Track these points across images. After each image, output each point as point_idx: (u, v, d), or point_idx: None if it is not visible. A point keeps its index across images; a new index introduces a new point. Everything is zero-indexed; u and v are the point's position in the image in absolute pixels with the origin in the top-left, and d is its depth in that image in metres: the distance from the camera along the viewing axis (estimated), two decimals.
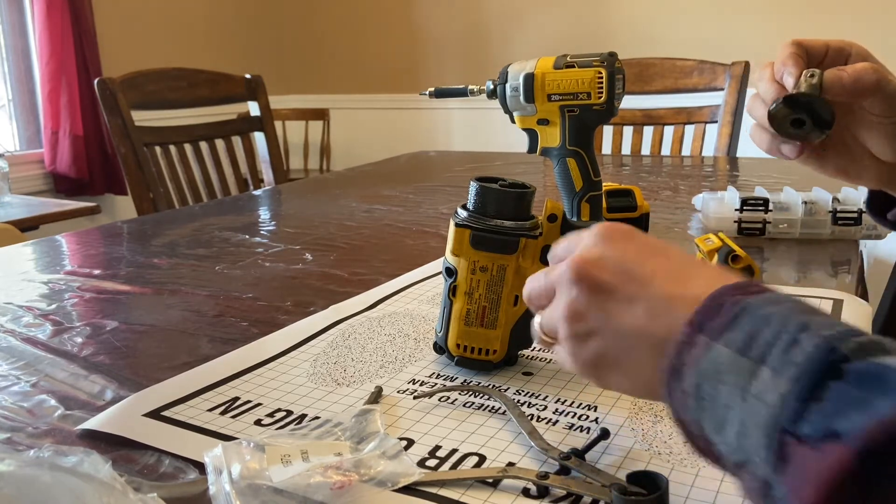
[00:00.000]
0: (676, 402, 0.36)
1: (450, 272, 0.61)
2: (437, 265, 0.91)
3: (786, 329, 0.32)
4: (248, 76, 1.97)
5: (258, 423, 0.54)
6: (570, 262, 0.43)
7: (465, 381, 0.61)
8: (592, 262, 0.42)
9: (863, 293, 0.88)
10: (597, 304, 0.41)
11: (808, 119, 0.57)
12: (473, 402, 0.57)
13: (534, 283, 0.48)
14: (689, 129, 1.96)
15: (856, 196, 0.99)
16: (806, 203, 0.99)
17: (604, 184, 0.82)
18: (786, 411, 0.30)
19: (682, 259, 0.41)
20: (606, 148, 2.08)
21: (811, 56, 0.61)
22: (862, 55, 0.62)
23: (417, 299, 0.81)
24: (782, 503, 0.30)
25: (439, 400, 0.57)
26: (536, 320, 0.48)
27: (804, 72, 0.58)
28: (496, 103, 0.81)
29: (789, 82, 0.59)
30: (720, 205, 1.04)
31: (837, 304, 0.74)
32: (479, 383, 0.60)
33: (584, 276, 0.42)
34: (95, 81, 1.68)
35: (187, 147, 1.83)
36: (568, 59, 0.77)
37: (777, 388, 0.31)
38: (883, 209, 0.68)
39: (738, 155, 1.86)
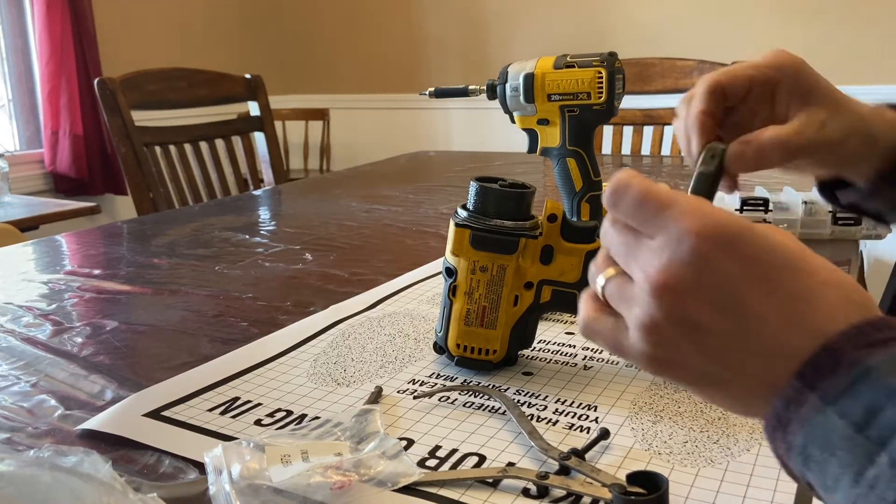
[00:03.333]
0: (780, 449, 0.33)
1: (450, 272, 0.61)
2: (437, 265, 0.91)
3: None
4: (248, 76, 1.97)
5: (258, 423, 0.54)
6: (655, 280, 0.34)
7: (465, 381, 0.61)
8: (683, 291, 0.34)
9: None
10: (682, 336, 0.35)
11: None
12: (473, 402, 0.57)
13: (609, 239, 0.39)
14: None
15: None
16: (806, 203, 0.99)
17: (604, 184, 0.82)
18: None
19: (791, 289, 0.34)
20: (606, 148, 2.08)
21: (731, 96, 0.55)
22: (792, 83, 0.55)
23: (417, 299, 0.81)
24: None
25: (439, 400, 0.57)
26: (599, 279, 0.40)
27: (706, 148, 0.54)
28: (496, 103, 0.81)
29: (690, 158, 0.55)
30: (720, 205, 1.04)
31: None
32: (479, 383, 0.60)
33: (670, 304, 0.34)
34: (95, 81, 1.68)
35: (187, 147, 1.83)
36: (568, 59, 0.77)
37: (895, 483, 0.28)
38: (832, 188, 0.64)
39: None
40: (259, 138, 1.97)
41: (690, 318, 0.34)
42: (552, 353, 0.66)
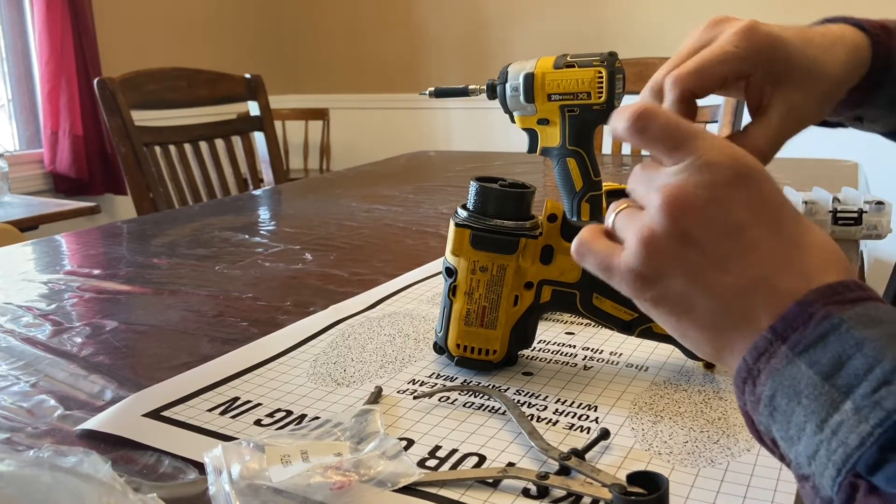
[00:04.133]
0: (746, 401, 0.34)
1: (450, 272, 0.61)
2: (437, 265, 0.91)
3: (879, 363, 0.29)
4: (247, 76, 1.97)
5: (258, 423, 0.54)
6: (667, 195, 0.36)
7: (465, 381, 0.61)
8: (692, 208, 0.35)
9: None
10: (676, 253, 0.36)
11: None
12: (473, 402, 0.57)
13: (635, 178, 0.40)
14: None
15: (856, 196, 0.99)
16: (806, 203, 0.99)
17: (604, 184, 0.82)
18: (864, 457, 0.28)
19: (792, 235, 0.35)
20: (606, 148, 2.08)
21: (703, 90, 0.50)
22: (765, 71, 0.51)
23: (417, 299, 0.81)
24: None
25: (439, 400, 0.57)
26: (610, 213, 0.41)
27: None
28: (496, 103, 0.81)
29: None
30: None
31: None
32: (479, 383, 0.60)
33: (675, 218, 0.35)
34: (95, 81, 1.68)
35: (187, 147, 1.83)
36: (568, 58, 0.77)
37: (859, 429, 0.29)
38: None
39: None
40: (259, 138, 1.97)
41: (690, 235, 0.35)
42: (552, 353, 0.66)
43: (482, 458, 0.49)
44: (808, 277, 0.34)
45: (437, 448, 0.50)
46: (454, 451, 0.50)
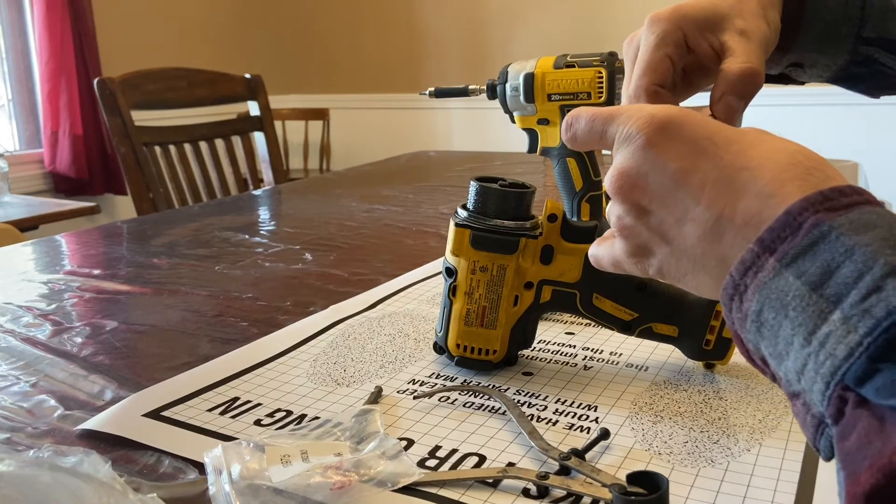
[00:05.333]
0: (735, 320, 0.33)
1: (450, 272, 0.61)
2: (437, 265, 0.91)
3: (870, 270, 0.28)
4: (247, 76, 1.97)
5: (258, 423, 0.54)
6: (611, 176, 0.39)
7: (465, 381, 0.61)
8: (631, 180, 0.38)
9: None
10: (645, 225, 0.38)
11: None
12: (473, 402, 0.57)
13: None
14: None
15: None
16: None
17: (604, 184, 0.82)
18: (853, 368, 0.27)
19: (734, 160, 0.35)
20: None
21: (667, 81, 0.51)
22: (691, 28, 0.51)
23: (417, 299, 0.81)
24: (832, 443, 0.28)
25: (439, 400, 0.57)
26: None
27: None
28: (496, 103, 0.81)
29: None
30: None
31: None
32: (479, 383, 0.60)
33: (624, 197, 0.38)
34: (95, 81, 1.68)
35: (187, 147, 1.83)
36: (568, 58, 0.77)
37: (847, 339, 0.27)
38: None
39: None
40: (259, 138, 1.97)
41: (644, 207, 0.38)
42: (552, 353, 0.66)
43: (482, 458, 0.49)
44: (765, 195, 0.33)
45: (437, 448, 0.50)
46: (454, 451, 0.50)
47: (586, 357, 0.65)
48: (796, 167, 0.33)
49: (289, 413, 0.56)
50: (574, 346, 0.67)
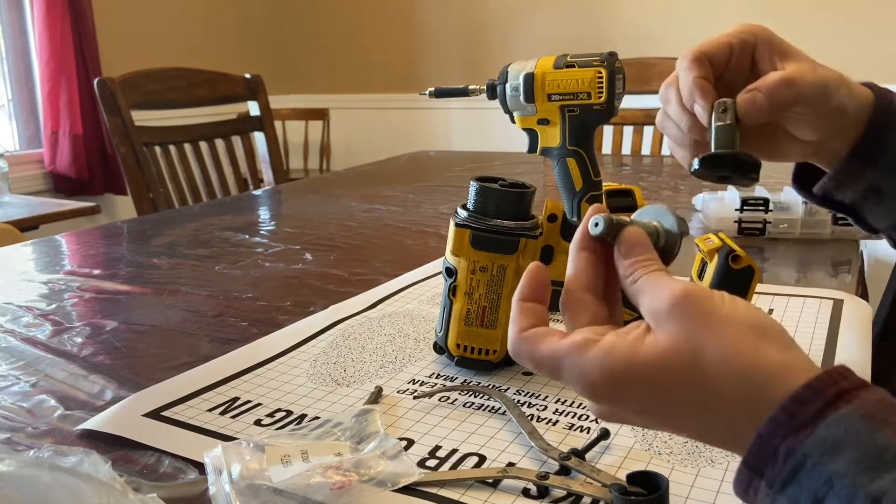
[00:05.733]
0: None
1: (450, 272, 0.61)
2: (437, 265, 0.91)
3: (853, 503, 0.29)
4: (247, 76, 1.97)
5: (258, 423, 0.54)
6: (591, 409, 0.39)
7: (465, 381, 0.61)
8: (612, 415, 0.38)
9: (863, 293, 0.88)
10: (627, 420, 0.39)
11: (731, 173, 0.53)
12: (473, 402, 0.57)
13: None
14: None
15: None
16: (806, 203, 0.99)
17: (604, 184, 0.82)
18: None
19: (689, 405, 0.35)
20: (606, 148, 2.08)
21: (715, 65, 0.55)
22: (767, 44, 0.55)
23: (417, 299, 0.81)
24: None
25: (439, 400, 0.57)
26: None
27: (715, 105, 0.53)
28: (496, 103, 0.81)
29: (702, 117, 0.54)
30: (720, 205, 1.04)
31: (837, 304, 0.74)
32: (479, 383, 0.60)
33: (610, 401, 0.37)
34: (95, 81, 1.68)
35: (187, 147, 1.83)
36: (568, 58, 0.77)
37: None
38: (808, 182, 0.62)
39: None
40: (259, 138, 1.97)
41: (622, 418, 0.38)
42: None
43: (482, 458, 0.49)
44: (733, 436, 0.34)
45: (437, 448, 0.50)
46: (454, 451, 0.50)
47: None
48: (750, 404, 0.33)
49: (289, 413, 0.56)
50: None
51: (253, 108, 1.98)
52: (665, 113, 0.59)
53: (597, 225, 0.40)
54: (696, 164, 0.53)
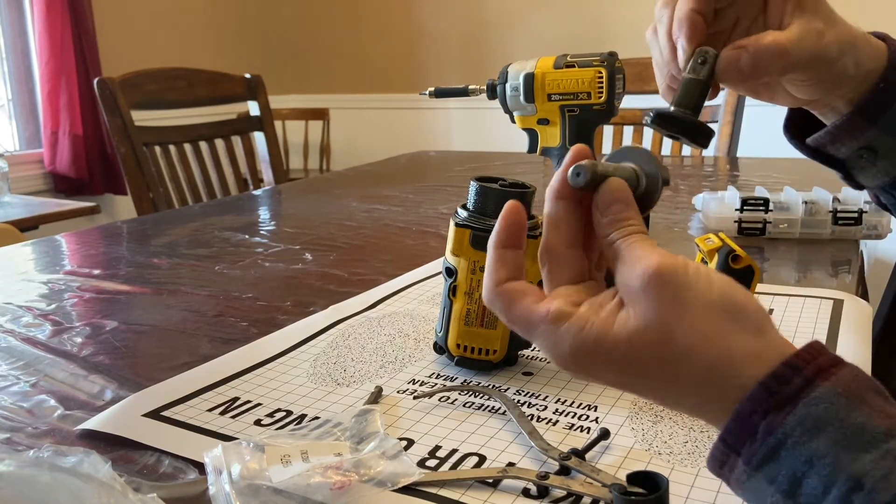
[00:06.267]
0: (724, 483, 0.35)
1: (450, 272, 0.61)
2: (437, 265, 0.91)
3: (834, 484, 0.29)
4: (247, 76, 1.97)
5: (258, 423, 0.54)
6: (553, 359, 0.37)
7: (465, 381, 0.61)
8: (574, 369, 0.36)
9: (863, 293, 0.88)
10: (595, 377, 0.37)
11: (682, 136, 0.51)
12: (473, 402, 0.57)
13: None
14: None
15: (856, 196, 0.99)
16: (806, 203, 0.99)
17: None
18: None
19: (662, 381, 0.34)
20: (606, 148, 2.08)
21: None
22: None
23: (417, 299, 0.81)
24: None
25: (439, 400, 0.57)
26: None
27: (696, 52, 0.49)
28: (496, 103, 0.81)
29: (680, 60, 0.51)
30: (720, 205, 1.04)
31: (837, 304, 0.74)
32: (479, 383, 0.60)
33: (568, 368, 0.36)
34: (95, 81, 1.68)
35: (187, 147, 1.83)
36: (568, 58, 0.77)
37: None
38: (798, 128, 0.60)
39: (738, 155, 1.86)
40: (259, 138, 1.97)
41: (596, 377, 0.36)
42: None
43: (482, 458, 0.49)
44: (701, 411, 0.34)
45: (437, 448, 0.50)
46: (454, 451, 0.50)
47: None
48: (719, 374, 0.33)
49: (289, 413, 0.56)
50: None
51: (253, 108, 1.98)
52: (654, 31, 0.56)
53: (578, 175, 0.38)
54: (648, 118, 0.51)
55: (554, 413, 0.55)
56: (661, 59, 0.55)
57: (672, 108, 0.51)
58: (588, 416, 0.54)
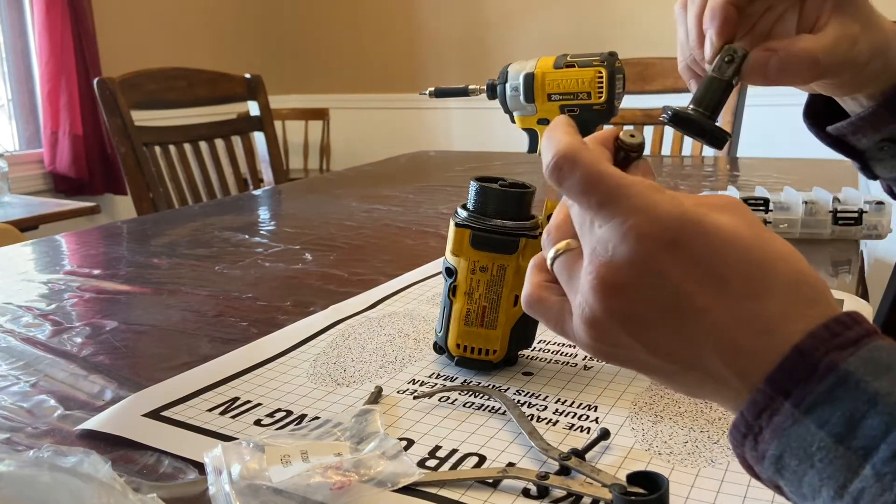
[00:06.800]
0: (747, 455, 0.31)
1: (450, 272, 0.61)
2: (437, 265, 0.91)
3: None
4: (247, 76, 1.97)
5: (258, 423, 0.54)
6: (597, 277, 0.33)
7: (465, 381, 0.61)
8: (624, 288, 0.32)
9: (863, 293, 0.88)
10: (626, 333, 0.33)
11: (698, 138, 0.50)
12: (473, 403, 0.57)
13: (570, 204, 0.36)
14: None
15: (856, 196, 0.99)
16: (806, 203, 0.99)
17: None
18: None
19: (741, 288, 0.31)
20: None
21: None
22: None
23: (417, 299, 0.81)
24: None
25: (439, 400, 0.57)
26: (550, 251, 0.37)
27: (724, 49, 0.48)
28: (496, 103, 0.81)
29: (707, 54, 0.50)
30: None
31: (837, 304, 0.74)
32: (479, 383, 0.60)
33: (611, 301, 0.32)
34: (95, 81, 1.68)
35: (187, 147, 1.83)
36: (568, 58, 0.77)
37: (883, 497, 0.26)
38: (821, 120, 0.59)
39: (738, 155, 1.86)
40: (259, 138, 1.97)
41: (631, 315, 0.32)
42: (552, 353, 0.66)
43: (482, 458, 0.49)
44: (768, 331, 0.31)
45: (437, 448, 0.50)
46: (454, 451, 0.50)
47: (586, 357, 0.65)
48: (804, 302, 0.31)
49: (289, 413, 0.56)
50: (574, 346, 0.67)
51: (253, 108, 1.98)
52: (684, 7, 0.54)
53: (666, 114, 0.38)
54: (666, 116, 0.50)
55: (554, 413, 0.55)
56: (686, 41, 0.53)
57: (690, 108, 0.50)
58: (588, 416, 0.54)
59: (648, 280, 0.32)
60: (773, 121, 2.72)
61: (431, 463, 0.48)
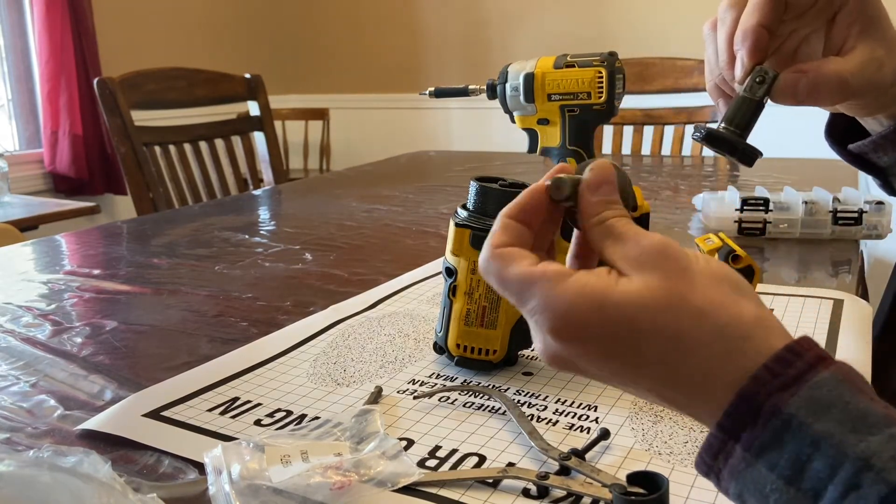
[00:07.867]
0: (716, 486, 0.33)
1: (450, 272, 0.61)
2: (437, 265, 0.91)
3: (842, 465, 0.28)
4: (247, 76, 1.97)
5: (258, 423, 0.54)
6: (543, 352, 0.35)
7: (465, 381, 0.61)
8: (567, 361, 0.35)
9: (863, 293, 0.88)
10: (584, 368, 0.35)
11: (729, 156, 0.51)
12: (473, 403, 0.57)
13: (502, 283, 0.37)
14: (690, 129, 1.97)
15: (856, 196, 0.99)
16: (806, 203, 0.99)
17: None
18: None
19: (660, 349, 0.32)
20: (606, 148, 2.08)
21: (793, 6, 0.50)
22: (855, 11, 0.50)
23: (417, 299, 0.81)
24: None
25: (439, 400, 0.57)
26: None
27: (755, 70, 0.49)
28: (496, 103, 0.81)
29: (737, 74, 0.51)
30: (720, 205, 1.04)
31: (837, 304, 0.74)
32: (479, 383, 0.60)
33: (564, 349, 0.34)
34: (95, 81, 1.68)
35: (187, 147, 1.83)
36: (568, 58, 0.77)
37: None
38: (843, 138, 0.60)
39: None
40: (259, 138, 1.97)
41: (587, 361, 0.34)
42: None
43: (482, 458, 0.49)
44: (698, 385, 0.32)
45: (437, 448, 0.50)
46: (454, 451, 0.50)
47: None
48: (725, 344, 0.32)
49: (289, 413, 0.56)
50: None
51: (253, 108, 1.98)
52: (713, 28, 0.55)
53: (559, 188, 0.37)
54: (698, 134, 0.51)
55: (554, 413, 0.55)
56: (715, 61, 0.54)
57: (722, 126, 0.51)
58: (588, 416, 0.54)
59: (575, 361, 0.34)
60: (773, 121, 2.72)
61: (431, 463, 0.48)
